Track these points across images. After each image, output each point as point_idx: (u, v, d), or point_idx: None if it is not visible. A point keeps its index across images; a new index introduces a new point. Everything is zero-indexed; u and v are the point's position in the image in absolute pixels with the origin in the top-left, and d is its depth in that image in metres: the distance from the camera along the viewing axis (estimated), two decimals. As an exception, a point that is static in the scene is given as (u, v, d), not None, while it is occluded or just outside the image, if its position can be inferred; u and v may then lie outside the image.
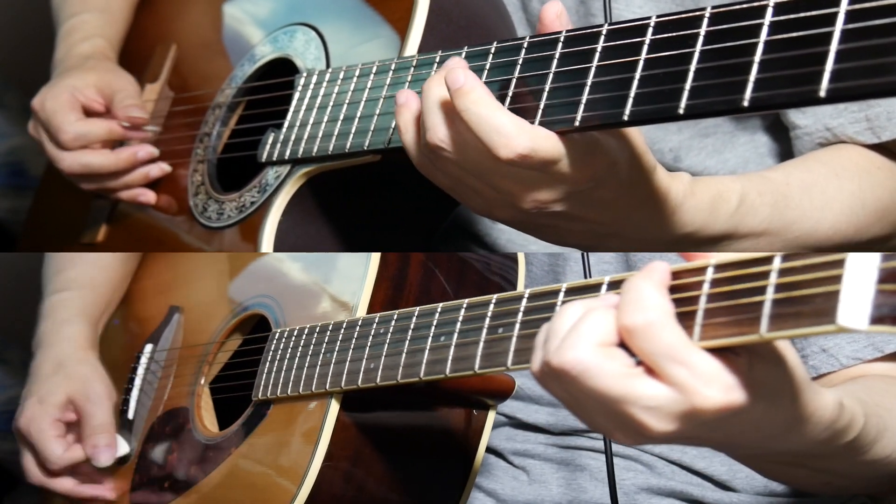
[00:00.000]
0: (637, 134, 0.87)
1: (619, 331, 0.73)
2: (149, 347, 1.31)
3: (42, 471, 1.24)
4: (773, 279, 0.68)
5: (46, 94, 1.22)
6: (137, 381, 1.29)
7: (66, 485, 1.24)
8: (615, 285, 0.79)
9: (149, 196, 1.23)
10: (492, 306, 0.89)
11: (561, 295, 0.83)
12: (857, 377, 1.07)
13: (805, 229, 1.02)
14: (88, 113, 1.23)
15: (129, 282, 1.41)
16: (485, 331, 0.89)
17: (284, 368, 1.09)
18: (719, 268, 0.72)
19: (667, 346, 0.71)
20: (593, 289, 0.81)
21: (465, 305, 0.92)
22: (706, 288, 0.72)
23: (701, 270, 0.73)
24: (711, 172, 1.16)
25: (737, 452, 0.86)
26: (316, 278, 1.14)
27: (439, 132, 0.85)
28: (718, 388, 0.71)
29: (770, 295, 0.68)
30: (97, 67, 1.26)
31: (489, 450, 1.21)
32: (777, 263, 0.69)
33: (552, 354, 0.74)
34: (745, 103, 0.72)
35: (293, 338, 1.10)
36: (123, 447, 1.24)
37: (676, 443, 0.77)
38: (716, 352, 0.71)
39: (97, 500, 1.26)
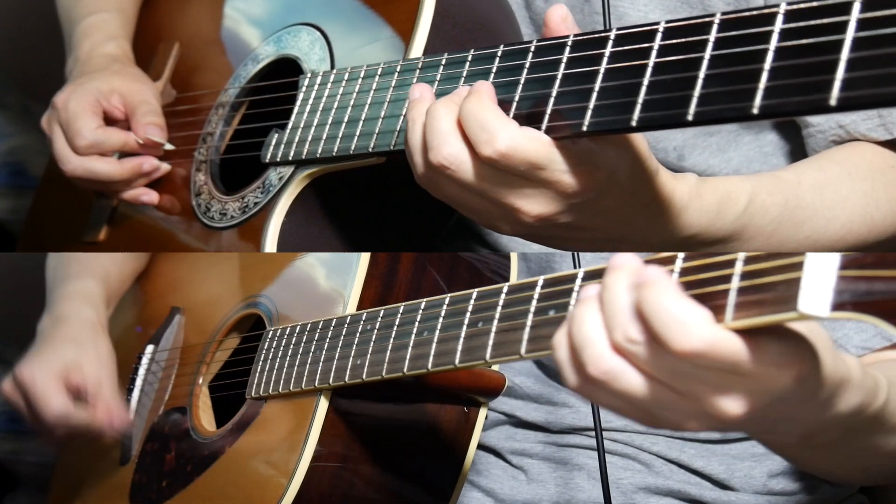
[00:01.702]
0: (639, 139, 0.86)
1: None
2: (150, 348, 1.31)
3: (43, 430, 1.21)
4: (739, 268, 0.69)
5: (72, 94, 1.21)
6: (139, 382, 1.29)
7: (79, 417, 1.20)
8: (590, 276, 0.80)
9: (151, 196, 1.23)
10: (472, 301, 0.90)
11: (538, 287, 0.83)
12: (869, 364, 1.07)
13: (816, 229, 1.01)
14: (108, 119, 1.22)
15: (134, 280, 1.41)
16: (465, 325, 0.89)
17: (276, 367, 1.10)
18: (688, 258, 0.73)
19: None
20: (569, 280, 0.81)
21: (447, 300, 0.93)
22: (674, 278, 0.73)
23: (669, 260, 0.73)
24: (715, 171, 1.16)
25: (786, 437, 0.82)
26: (308, 277, 1.14)
27: (443, 150, 0.85)
28: None
29: (735, 284, 0.68)
30: (123, 73, 1.26)
31: (488, 449, 1.21)
32: (743, 254, 0.69)
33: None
34: (755, 111, 0.72)
35: (285, 336, 1.11)
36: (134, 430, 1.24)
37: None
38: None
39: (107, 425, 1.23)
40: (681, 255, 0.73)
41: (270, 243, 1.05)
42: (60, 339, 1.25)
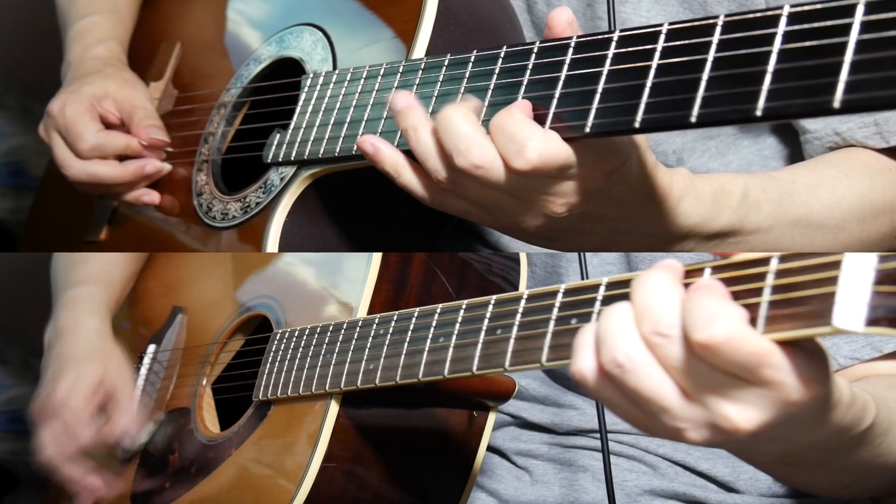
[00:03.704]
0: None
1: None
2: (152, 348, 1.31)
3: (58, 451, 1.22)
4: (770, 280, 0.68)
5: (66, 100, 1.21)
6: (140, 382, 1.29)
7: (74, 471, 1.22)
8: (613, 286, 0.79)
9: (153, 196, 1.22)
10: (490, 307, 0.89)
11: (559, 296, 0.83)
12: (862, 378, 1.07)
13: (812, 226, 1.02)
14: (104, 123, 1.22)
15: (136, 280, 1.41)
16: (483, 332, 0.88)
17: (285, 369, 1.09)
18: (716, 269, 0.72)
19: None
20: (591, 290, 0.81)
21: (464, 306, 0.92)
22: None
23: (698, 272, 0.73)
24: (715, 175, 1.16)
25: (763, 456, 0.82)
26: (317, 279, 1.14)
27: (473, 154, 0.84)
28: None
29: (766, 297, 0.68)
30: (115, 76, 1.26)
31: (492, 450, 1.21)
32: (774, 265, 0.69)
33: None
34: (759, 113, 0.72)
35: (294, 339, 1.10)
36: (145, 434, 1.24)
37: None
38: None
39: (94, 493, 1.24)
40: (709, 265, 0.73)
41: (272, 243, 1.05)
42: (76, 356, 1.25)
